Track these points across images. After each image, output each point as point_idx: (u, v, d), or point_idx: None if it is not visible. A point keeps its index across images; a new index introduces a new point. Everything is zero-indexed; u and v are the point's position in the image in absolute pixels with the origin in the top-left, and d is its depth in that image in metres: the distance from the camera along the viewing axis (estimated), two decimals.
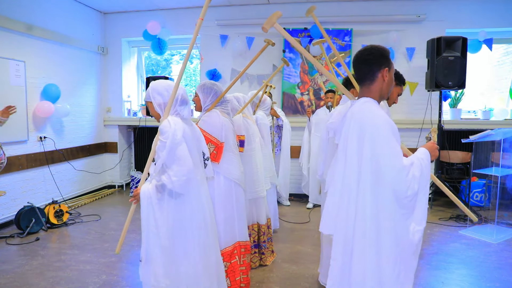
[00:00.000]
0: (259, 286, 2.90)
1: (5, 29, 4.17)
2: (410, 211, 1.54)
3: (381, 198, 1.53)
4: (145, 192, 1.90)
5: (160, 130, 1.88)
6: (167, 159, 1.83)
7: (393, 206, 1.52)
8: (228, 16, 5.59)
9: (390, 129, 1.54)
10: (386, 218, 1.53)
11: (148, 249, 1.91)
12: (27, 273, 3.08)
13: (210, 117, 2.51)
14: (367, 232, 1.55)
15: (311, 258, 3.43)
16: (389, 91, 1.70)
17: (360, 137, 1.56)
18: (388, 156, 1.50)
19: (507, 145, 4.04)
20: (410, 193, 1.50)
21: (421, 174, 1.53)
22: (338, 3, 5.38)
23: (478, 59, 5.45)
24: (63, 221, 4.33)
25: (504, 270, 3.15)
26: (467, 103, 5.51)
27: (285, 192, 5.29)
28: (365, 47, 1.70)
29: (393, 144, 1.52)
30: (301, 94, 5.61)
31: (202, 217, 2.00)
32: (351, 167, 1.59)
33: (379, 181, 1.52)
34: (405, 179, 1.50)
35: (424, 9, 5.21)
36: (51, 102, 4.71)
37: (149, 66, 7.13)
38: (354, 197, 1.58)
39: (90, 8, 5.71)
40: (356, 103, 1.67)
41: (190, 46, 1.98)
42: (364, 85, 1.69)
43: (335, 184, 1.70)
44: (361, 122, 1.57)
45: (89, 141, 5.77)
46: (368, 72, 1.65)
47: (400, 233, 1.54)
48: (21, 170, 4.42)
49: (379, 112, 1.57)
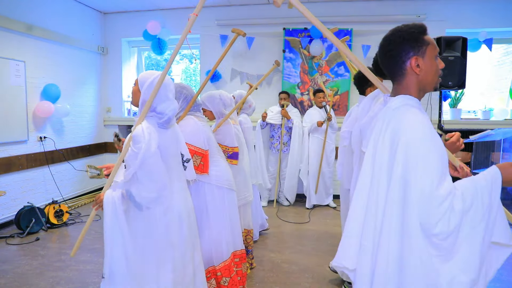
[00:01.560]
0: (259, 286, 2.90)
1: (5, 29, 4.17)
2: (444, 253, 1.14)
3: (407, 231, 1.16)
4: (109, 200, 1.71)
5: (132, 138, 1.68)
6: (138, 172, 1.66)
7: (421, 243, 1.15)
8: (228, 16, 5.59)
9: (433, 144, 1.17)
10: (413, 261, 1.16)
11: (112, 264, 1.71)
12: (27, 273, 3.08)
13: (188, 125, 2.28)
14: (389, 272, 1.20)
15: (311, 258, 3.43)
16: (434, 80, 1.32)
17: (392, 148, 1.22)
18: (418, 176, 1.14)
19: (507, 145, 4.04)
20: (439, 230, 1.11)
21: (471, 206, 1.13)
22: (338, 3, 5.38)
23: (478, 59, 5.45)
24: (63, 221, 4.33)
25: (504, 270, 3.15)
26: (467, 103, 5.51)
27: (291, 194, 5.25)
28: (386, 34, 1.34)
29: (429, 161, 1.14)
30: (301, 94, 5.61)
31: (176, 231, 1.82)
32: (378, 184, 1.26)
33: (406, 208, 1.17)
34: (434, 211, 1.11)
35: (424, 9, 5.21)
36: (51, 102, 4.71)
37: (149, 66, 7.13)
38: (380, 223, 1.23)
39: (90, 8, 5.71)
40: (390, 103, 1.31)
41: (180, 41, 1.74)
42: (395, 81, 1.34)
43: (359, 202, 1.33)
44: (395, 129, 1.22)
45: (89, 141, 5.77)
46: (394, 66, 1.31)
47: (429, 280, 1.14)
48: (21, 170, 4.42)
49: (420, 120, 1.21)
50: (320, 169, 5.02)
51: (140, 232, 1.74)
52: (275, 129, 5.16)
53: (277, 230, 4.25)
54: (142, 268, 1.75)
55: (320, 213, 4.94)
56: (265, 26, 5.53)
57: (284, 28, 5.48)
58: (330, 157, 5.11)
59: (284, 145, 5.13)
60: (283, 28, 5.49)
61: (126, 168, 1.71)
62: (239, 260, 2.62)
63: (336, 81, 5.52)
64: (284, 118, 5.01)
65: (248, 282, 2.93)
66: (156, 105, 1.74)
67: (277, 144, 5.16)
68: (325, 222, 4.57)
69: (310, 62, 5.55)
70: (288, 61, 5.58)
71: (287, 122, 5.05)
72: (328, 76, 5.54)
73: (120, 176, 1.81)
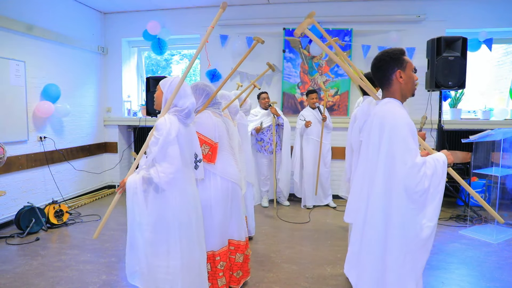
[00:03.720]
0: (259, 286, 2.90)
1: (5, 29, 4.17)
2: (420, 206, 1.63)
3: (393, 192, 1.64)
4: (131, 182, 1.96)
5: (155, 126, 1.94)
6: (158, 155, 1.90)
7: (404, 201, 1.62)
8: (228, 16, 5.58)
9: (408, 129, 1.63)
10: (396, 211, 1.64)
11: (132, 237, 1.99)
12: (27, 273, 3.08)
13: (201, 118, 2.51)
14: (376, 223, 1.68)
15: (311, 258, 3.43)
16: (412, 88, 1.80)
17: (380, 134, 1.68)
18: (402, 153, 1.61)
19: (507, 145, 4.04)
20: (420, 189, 1.60)
21: (433, 173, 1.62)
22: (338, 3, 5.38)
23: (478, 59, 5.45)
24: (63, 221, 4.33)
25: (504, 270, 3.15)
26: (467, 103, 5.51)
27: (286, 192, 5.28)
28: (376, 55, 1.82)
29: (408, 142, 1.61)
30: (301, 94, 5.61)
31: (186, 214, 2.04)
32: (371, 161, 1.72)
33: (392, 176, 1.63)
34: (416, 175, 1.59)
35: (424, 9, 5.21)
36: (51, 102, 4.71)
37: (149, 66, 7.13)
38: (371, 188, 1.71)
39: (90, 8, 5.72)
40: (380, 103, 1.80)
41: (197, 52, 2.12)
42: (384, 89, 1.81)
43: (358, 177, 1.86)
44: (382, 120, 1.68)
45: (89, 141, 5.77)
46: (383, 77, 1.78)
47: (408, 226, 1.63)
48: (21, 170, 4.42)
49: (399, 111, 1.68)
50: (319, 171, 5.01)
51: (155, 212, 1.96)
52: (264, 132, 5.01)
53: (277, 230, 4.25)
54: (156, 245, 1.97)
55: (320, 213, 4.94)
56: (265, 26, 5.53)
57: (284, 28, 5.48)
58: (326, 157, 5.09)
59: (276, 145, 5.04)
60: (283, 28, 5.49)
61: (147, 154, 1.95)
62: (234, 248, 2.73)
63: (336, 81, 5.52)
64: (274, 116, 4.90)
65: (248, 282, 2.93)
66: (177, 101, 2.04)
67: (269, 147, 5.06)
68: (325, 222, 4.57)
69: (310, 62, 5.56)
70: (288, 61, 5.58)
71: (277, 119, 4.97)
72: (328, 76, 5.54)
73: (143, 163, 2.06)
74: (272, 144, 5.03)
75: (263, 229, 4.23)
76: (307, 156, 5.06)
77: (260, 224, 4.37)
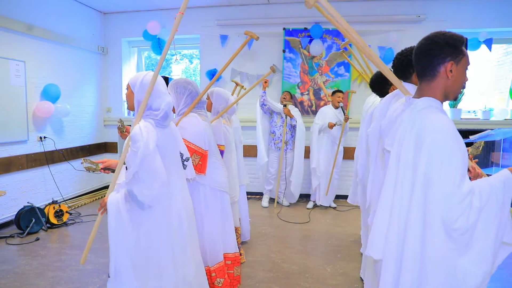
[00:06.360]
0: (259, 286, 2.90)
1: (5, 29, 4.17)
2: (461, 247, 1.24)
3: (429, 225, 1.25)
4: (112, 201, 1.73)
5: (131, 137, 1.69)
6: (139, 170, 1.67)
7: (442, 237, 1.24)
8: (228, 16, 5.59)
9: (457, 145, 1.25)
10: (433, 251, 1.26)
11: (117, 264, 1.74)
12: (27, 273, 3.08)
13: (191, 124, 2.25)
14: (414, 266, 1.29)
15: (311, 258, 3.43)
16: (458, 90, 1.40)
17: (417, 147, 1.30)
18: (442, 175, 1.23)
19: (507, 145, 4.04)
20: (459, 226, 1.22)
21: (485, 204, 1.23)
22: (338, 3, 5.38)
23: (478, 59, 5.45)
24: (63, 221, 4.33)
25: (504, 270, 3.15)
26: (467, 103, 5.50)
27: (297, 192, 5.21)
28: (428, 35, 1.41)
29: (453, 161, 1.23)
30: (301, 94, 5.61)
31: (178, 228, 1.85)
32: (403, 181, 1.33)
33: (429, 205, 1.26)
34: (456, 207, 1.21)
35: (424, 9, 5.21)
36: (51, 102, 4.71)
37: (149, 66, 7.13)
38: (404, 218, 1.32)
39: (90, 8, 5.71)
40: (415, 105, 1.38)
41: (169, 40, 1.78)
42: (423, 81, 1.40)
43: (385, 199, 1.41)
44: (420, 129, 1.30)
45: (89, 141, 5.77)
46: (429, 65, 1.37)
47: (448, 271, 1.25)
48: (21, 170, 4.42)
49: (443, 119, 1.29)
50: (333, 171, 4.96)
51: (143, 231, 1.76)
52: (277, 126, 5.10)
53: (277, 230, 4.25)
54: (146, 267, 1.77)
55: (320, 213, 4.94)
56: (265, 26, 5.53)
57: (284, 28, 5.48)
58: (338, 158, 5.04)
59: (286, 144, 5.06)
60: (283, 28, 5.49)
61: (127, 169, 1.72)
62: (231, 262, 2.61)
63: (336, 81, 5.52)
64: (287, 116, 4.95)
65: (248, 282, 2.93)
66: (151, 103, 1.78)
67: (278, 142, 5.12)
68: (325, 222, 4.57)
69: (310, 62, 5.55)
70: (288, 61, 5.58)
71: (290, 120, 5.02)
72: (328, 76, 5.54)
73: (122, 177, 1.82)
74: (282, 140, 5.05)
75: (263, 229, 4.24)
76: (321, 156, 5.04)
77: (260, 224, 4.37)
